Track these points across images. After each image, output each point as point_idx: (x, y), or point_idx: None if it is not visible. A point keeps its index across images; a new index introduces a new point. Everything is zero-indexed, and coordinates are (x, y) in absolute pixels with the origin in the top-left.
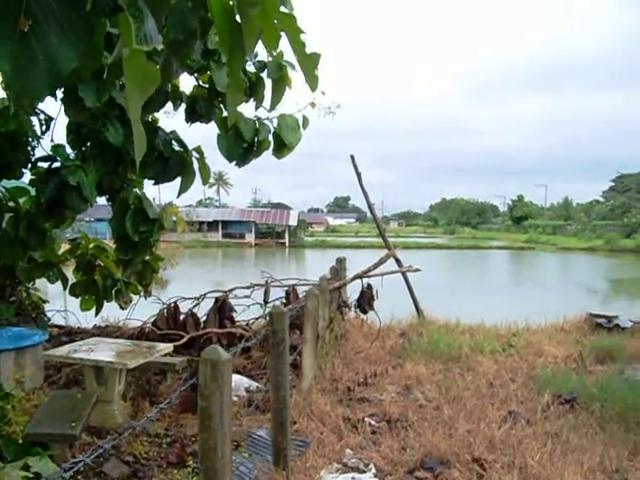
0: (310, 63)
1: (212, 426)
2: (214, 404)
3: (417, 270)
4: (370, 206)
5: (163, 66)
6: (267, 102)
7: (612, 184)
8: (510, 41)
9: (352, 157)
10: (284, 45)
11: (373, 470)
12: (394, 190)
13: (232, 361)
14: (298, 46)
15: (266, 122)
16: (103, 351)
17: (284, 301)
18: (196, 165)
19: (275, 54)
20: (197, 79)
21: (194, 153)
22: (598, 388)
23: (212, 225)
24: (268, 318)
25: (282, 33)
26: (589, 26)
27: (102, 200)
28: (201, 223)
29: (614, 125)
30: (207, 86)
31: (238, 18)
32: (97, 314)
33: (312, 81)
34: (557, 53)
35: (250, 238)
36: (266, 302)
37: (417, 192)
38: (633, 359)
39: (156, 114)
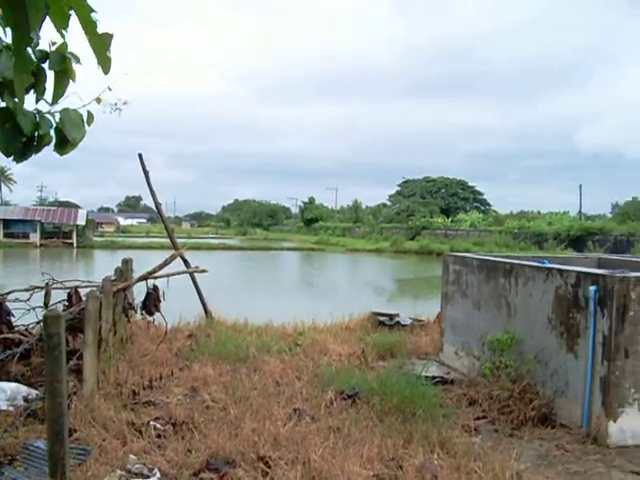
0: (101, 44)
1: None
2: None
3: (204, 271)
4: (157, 206)
5: None
6: (48, 95)
7: (398, 189)
8: (300, 45)
9: (140, 155)
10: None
11: (158, 474)
12: (187, 190)
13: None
14: (88, 25)
15: (47, 116)
16: None
17: (66, 304)
18: None
19: (58, 45)
20: None
21: None
22: (378, 383)
23: None
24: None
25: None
26: (380, 38)
27: None
28: None
29: (400, 134)
30: None
31: None
32: None
33: (104, 63)
34: (347, 62)
35: (35, 238)
36: (46, 305)
37: (210, 193)
38: (412, 354)
39: None
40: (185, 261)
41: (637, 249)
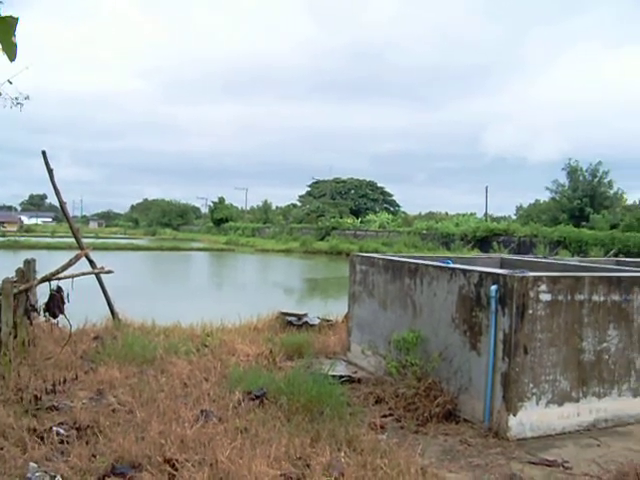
0: (5, 28)
1: None
2: None
3: (109, 272)
4: (62, 204)
5: None
6: None
7: (308, 189)
8: (205, 44)
9: (43, 152)
10: None
11: None
12: (95, 189)
13: None
14: None
15: None
16: None
17: None
18: None
19: None
20: None
21: None
22: (286, 383)
23: None
24: None
25: None
26: (283, 39)
27: None
28: None
29: (311, 134)
30: None
31: None
32: None
33: (9, 49)
34: (257, 61)
35: None
36: None
37: (119, 192)
38: (319, 354)
39: None
40: (91, 261)
41: (539, 249)
